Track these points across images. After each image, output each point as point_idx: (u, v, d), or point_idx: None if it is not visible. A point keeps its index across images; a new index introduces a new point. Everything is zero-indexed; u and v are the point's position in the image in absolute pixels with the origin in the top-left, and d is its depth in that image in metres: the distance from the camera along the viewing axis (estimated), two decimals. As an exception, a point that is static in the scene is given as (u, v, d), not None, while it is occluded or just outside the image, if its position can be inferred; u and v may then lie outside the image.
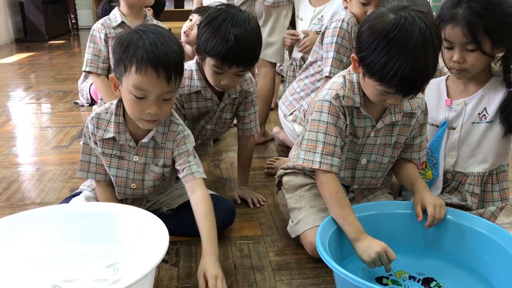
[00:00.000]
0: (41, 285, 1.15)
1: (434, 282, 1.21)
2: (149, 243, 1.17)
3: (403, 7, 1.14)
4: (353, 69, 1.26)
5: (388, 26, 1.10)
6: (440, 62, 1.39)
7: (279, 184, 1.59)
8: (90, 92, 3.04)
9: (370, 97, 1.24)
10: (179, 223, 1.47)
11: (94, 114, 1.34)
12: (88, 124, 1.34)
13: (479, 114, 1.39)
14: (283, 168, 1.54)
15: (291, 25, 2.72)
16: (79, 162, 1.39)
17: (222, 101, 1.63)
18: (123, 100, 1.27)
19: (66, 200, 1.49)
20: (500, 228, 1.23)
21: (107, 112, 1.33)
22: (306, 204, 1.42)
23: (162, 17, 3.31)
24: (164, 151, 1.35)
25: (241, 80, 1.57)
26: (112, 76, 1.25)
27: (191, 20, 2.35)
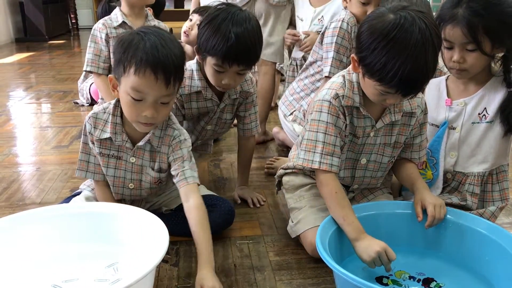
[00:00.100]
0: (41, 285, 1.15)
1: (434, 282, 1.21)
2: (149, 243, 1.17)
3: (403, 7, 1.14)
4: (352, 69, 1.26)
5: (388, 26, 1.10)
6: (440, 62, 1.39)
7: (279, 184, 1.59)
8: (90, 92, 3.04)
9: (369, 97, 1.24)
10: (179, 223, 1.46)
11: (91, 114, 1.33)
12: (86, 124, 1.34)
13: (479, 114, 1.39)
14: (283, 168, 1.54)
15: (292, 25, 2.73)
16: (78, 161, 1.39)
17: (222, 101, 1.63)
18: (120, 101, 1.26)
19: (66, 200, 1.49)
20: (500, 228, 1.23)
21: (104, 112, 1.33)
22: (306, 204, 1.42)
23: (162, 17, 3.31)
24: (159, 155, 1.34)
25: (242, 79, 1.56)
26: (111, 77, 1.25)
27: (191, 20, 2.35)
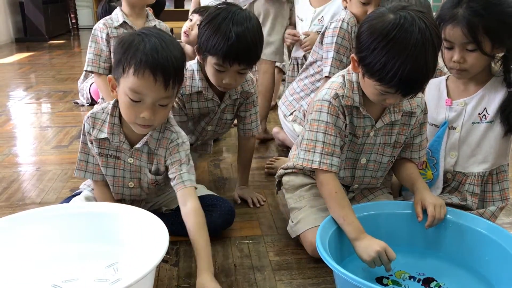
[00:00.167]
0: (41, 285, 1.15)
1: (434, 282, 1.21)
2: (149, 243, 1.17)
3: (403, 7, 1.14)
4: (352, 69, 1.26)
5: (388, 26, 1.10)
6: (440, 62, 1.38)
7: (279, 184, 1.59)
8: (90, 92, 3.04)
9: (369, 96, 1.24)
10: (179, 223, 1.45)
11: (90, 113, 1.33)
12: (85, 123, 1.33)
13: (479, 114, 1.39)
14: (283, 168, 1.54)
15: (292, 25, 2.73)
16: (77, 161, 1.38)
17: (223, 101, 1.62)
18: (118, 102, 1.26)
19: (67, 200, 1.49)
20: (500, 228, 1.23)
21: (103, 112, 1.33)
22: (306, 204, 1.42)
23: (162, 17, 3.31)
24: (157, 157, 1.33)
25: (243, 79, 1.56)
26: (110, 77, 1.25)
27: (191, 20, 2.35)
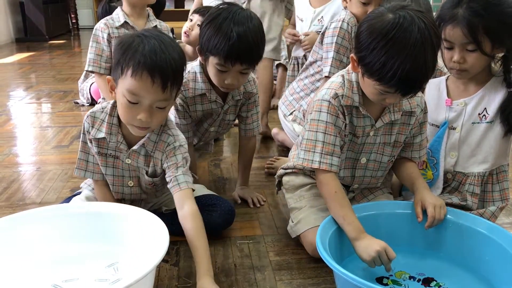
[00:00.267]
0: (41, 284, 1.15)
1: (434, 282, 1.21)
2: (149, 242, 1.17)
3: (402, 6, 1.14)
4: (352, 68, 1.26)
5: (387, 26, 1.10)
6: (440, 62, 1.39)
7: (279, 184, 1.59)
8: (90, 92, 3.04)
9: (369, 96, 1.24)
10: (179, 223, 1.46)
11: (89, 112, 1.33)
12: (84, 122, 1.33)
13: (479, 114, 1.39)
14: (283, 168, 1.54)
15: (292, 25, 2.73)
16: (77, 160, 1.38)
17: (226, 103, 1.62)
18: (116, 103, 1.26)
19: (67, 200, 1.49)
20: (501, 228, 1.23)
21: (102, 111, 1.33)
22: (306, 204, 1.42)
23: (162, 17, 3.30)
24: (153, 160, 1.33)
25: (245, 79, 1.55)
26: (109, 78, 1.24)
27: (191, 20, 2.35)
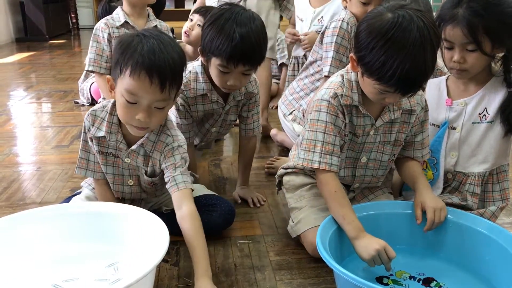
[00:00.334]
0: (41, 284, 1.15)
1: (434, 282, 1.21)
2: (149, 242, 1.17)
3: (401, 5, 1.14)
4: (351, 68, 1.26)
5: (386, 25, 1.10)
6: (441, 62, 1.39)
7: (279, 184, 1.58)
8: (90, 92, 3.04)
9: (369, 95, 1.24)
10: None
11: (90, 111, 1.33)
12: (85, 121, 1.33)
13: (480, 114, 1.39)
14: (284, 168, 1.54)
15: (292, 24, 2.73)
16: (78, 159, 1.38)
17: (227, 103, 1.62)
18: (116, 103, 1.26)
19: (67, 200, 1.49)
20: (501, 228, 1.23)
21: (103, 110, 1.33)
22: (307, 203, 1.42)
23: (162, 16, 3.30)
24: (152, 160, 1.33)
25: (247, 80, 1.55)
26: (108, 77, 1.24)
27: (191, 20, 2.35)
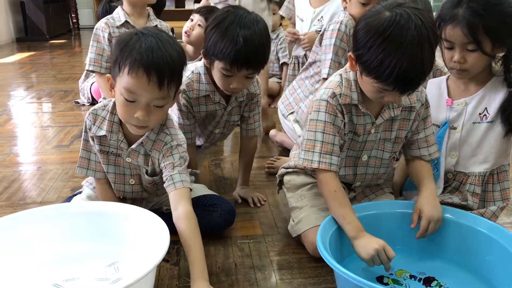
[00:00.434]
0: (42, 284, 1.15)
1: (435, 282, 1.21)
2: (150, 242, 1.17)
3: (399, 4, 1.14)
4: (350, 67, 1.26)
5: (384, 24, 1.11)
6: (441, 62, 1.38)
7: (280, 183, 1.59)
8: (91, 91, 3.04)
9: (367, 94, 1.24)
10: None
11: (91, 110, 1.33)
12: (86, 120, 1.33)
13: (480, 114, 1.39)
14: (284, 167, 1.54)
15: (292, 24, 2.74)
16: (79, 158, 1.38)
17: (229, 104, 1.63)
18: (115, 101, 1.26)
19: (67, 200, 1.49)
20: (501, 227, 1.23)
21: (104, 109, 1.33)
22: (307, 203, 1.42)
23: (163, 16, 3.30)
24: (151, 159, 1.33)
25: (250, 82, 1.55)
26: (108, 76, 1.25)
27: (192, 20, 2.35)
